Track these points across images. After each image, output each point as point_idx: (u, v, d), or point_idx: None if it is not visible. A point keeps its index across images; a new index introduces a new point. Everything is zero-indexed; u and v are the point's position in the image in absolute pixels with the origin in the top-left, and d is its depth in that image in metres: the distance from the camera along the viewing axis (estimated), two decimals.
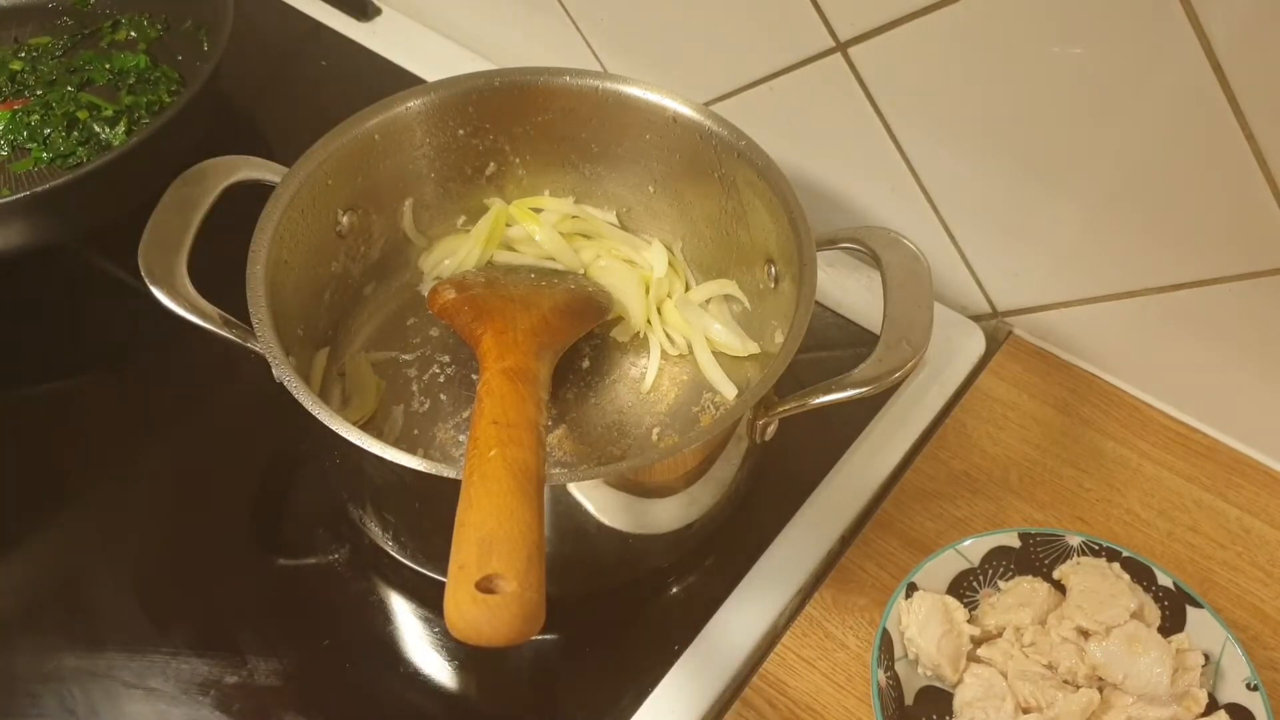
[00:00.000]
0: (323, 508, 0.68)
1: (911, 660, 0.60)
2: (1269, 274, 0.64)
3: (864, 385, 0.57)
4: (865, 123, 0.74)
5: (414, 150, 0.72)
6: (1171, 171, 0.63)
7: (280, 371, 0.55)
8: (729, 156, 0.68)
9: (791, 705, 0.61)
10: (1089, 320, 0.74)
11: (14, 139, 0.85)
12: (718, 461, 0.60)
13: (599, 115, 0.72)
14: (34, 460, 0.72)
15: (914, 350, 0.57)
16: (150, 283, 0.59)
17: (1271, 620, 0.65)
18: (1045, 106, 0.65)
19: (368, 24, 0.99)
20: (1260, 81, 0.56)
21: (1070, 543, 0.63)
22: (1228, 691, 0.58)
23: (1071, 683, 0.59)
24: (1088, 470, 0.71)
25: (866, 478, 0.70)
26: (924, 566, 0.61)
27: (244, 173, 0.65)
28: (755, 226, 0.69)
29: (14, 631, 0.63)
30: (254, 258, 0.60)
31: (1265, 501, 0.70)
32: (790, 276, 0.64)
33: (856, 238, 0.64)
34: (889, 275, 0.61)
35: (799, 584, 0.65)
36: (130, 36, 0.93)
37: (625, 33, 0.84)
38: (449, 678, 0.62)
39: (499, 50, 0.95)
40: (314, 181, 0.66)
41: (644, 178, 0.75)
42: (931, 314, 0.59)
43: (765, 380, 0.57)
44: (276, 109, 0.93)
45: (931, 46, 0.67)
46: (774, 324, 0.69)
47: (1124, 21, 0.58)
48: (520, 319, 0.64)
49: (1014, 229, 0.73)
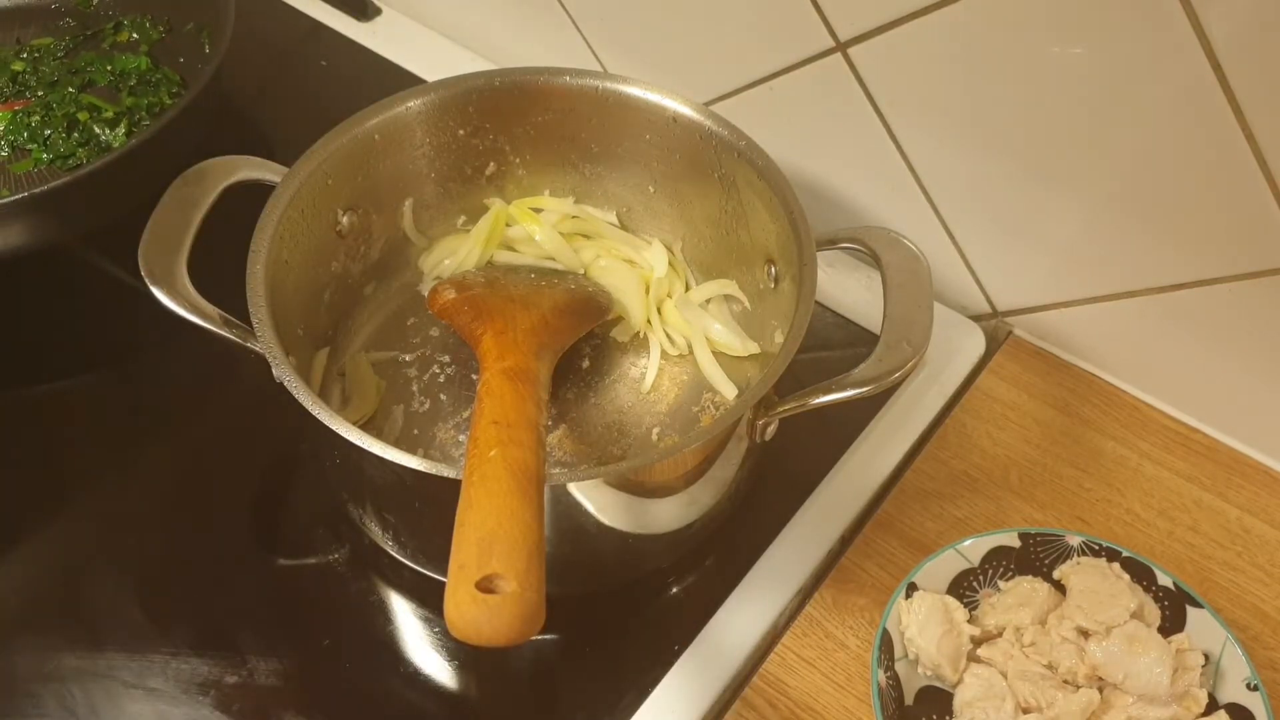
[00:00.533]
0: (323, 508, 0.69)
1: (911, 660, 0.60)
2: (1269, 274, 0.64)
3: (864, 385, 0.57)
4: (865, 123, 0.74)
5: (414, 150, 0.72)
6: (1171, 171, 0.63)
7: (280, 371, 0.55)
8: (729, 156, 0.68)
9: (791, 705, 0.61)
10: (1089, 320, 0.74)
11: (14, 140, 0.85)
12: (718, 461, 0.60)
13: (599, 115, 0.72)
14: (34, 460, 0.72)
15: (914, 350, 0.57)
16: (150, 283, 0.59)
17: (1271, 620, 0.65)
18: (1045, 106, 0.65)
19: (368, 24, 0.99)
20: (1260, 81, 0.56)
21: (1070, 543, 0.63)
22: (1228, 691, 0.58)
23: (1071, 683, 0.59)
24: (1088, 470, 0.71)
25: (866, 478, 0.70)
26: (924, 566, 0.61)
27: (244, 173, 0.65)
28: (755, 226, 0.69)
29: (14, 631, 0.63)
30: (254, 257, 0.60)
31: (1265, 501, 0.69)
32: (790, 276, 0.64)
33: (856, 238, 0.64)
34: (889, 275, 0.61)
35: (799, 584, 0.65)
36: (132, 38, 0.93)
37: (625, 33, 0.84)
38: (449, 678, 0.62)
39: (499, 50, 0.95)
40: (314, 181, 0.66)
41: (644, 178, 0.75)
42: (931, 314, 0.59)
43: (765, 380, 0.57)
44: (276, 109, 0.93)
45: (932, 46, 0.67)
46: (774, 324, 0.69)
47: (1124, 21, 0.58)
48: (520, 319, 0.64)
49: (1014, 229, 0.73)
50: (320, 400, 0.54)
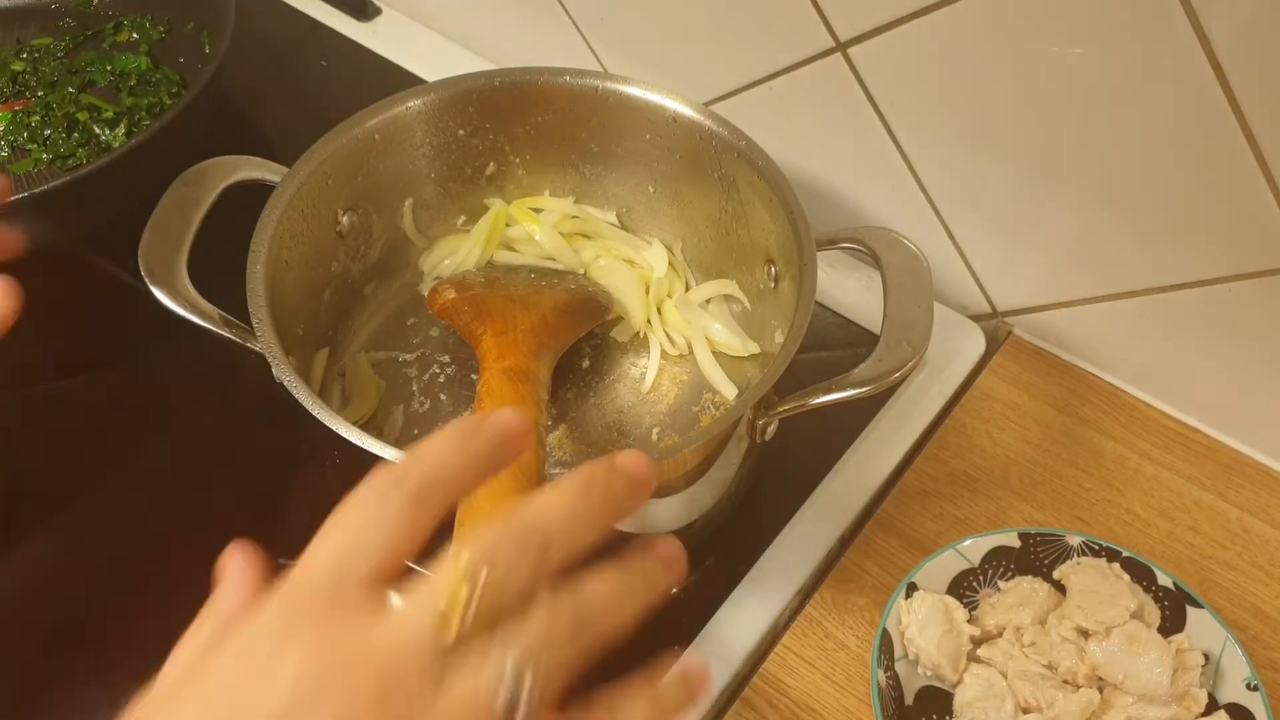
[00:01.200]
0: (323, 508, 0.68)
1: (911, 660, 0.60)
2: (1269, 274, 0.63)
3: (864, 385, 0.57)
4: (865, 123, 0.74)
5: (414, 150, 0.72)
6: (1171, 171, 0.63)
7: (280, 371, 0.55)
8: (729, 156, 0.68)
9: (791, 705, 0.61)
10: (1089, 320, 0.74)
11: (14, 140, 0.85)
12: (718, 462, 0.60)
13: (599, 115, 0.72)
14: (34, 460, 0.72)
15: (914, 350, 0.57)
16: (150, 283, 0.59)
17: (1271, 620, 0.65)
18: (1045, 106, 0.65)
19: (368, 24, 0.99)
20: (1260, 81, 0.56)
21: (1070, 543, 0.63)
22: (1228, 691, 0.58)
23: (1071, 683, 0.59)
24: (1088, 470, 0.71)
25: (866, 478, 0.70)
26: (924, 566, 0.61)
27: (244, 173, 0.65)
28: (755, 226, 0.69)
29: (14, 631, 0.63)
30: (254, 258, 0.60)
31: (1265, 501, 0.69)
32: (791, 276, 0.64)
33: (856, 237, 0.64)
34: (889, 275, 0.61)
35: (799, 584, 0.65)
36: (132, 38, 0.93)
37: (625, 33, 0.84)
38: None
39: (499, 50, 0.95)
40: (314, 181, 0.66)
41: (644, 178, 0.75)
42: (932, 314, 0.59)
43: (765, 380, 0.57)
44: (276, 109, 0.93)
45: (932, 46, 0.67)
46: (774, 324, 0.69)
47: (1124, 21, 0.58)
48: (520, 319, 0.64)
49: (1014, 229, 0.73)
50: (320, 400, 0.54)
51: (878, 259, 0.62)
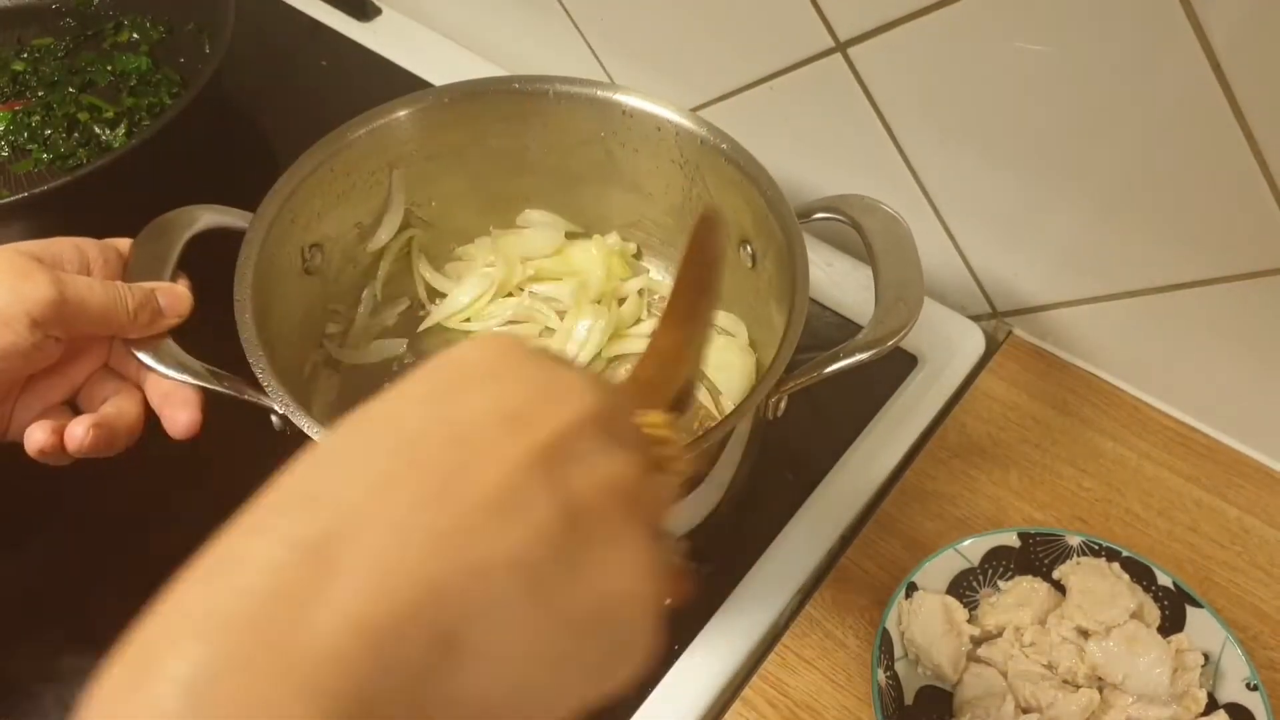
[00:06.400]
0: None
1: (911, 660, 0.60)
2: (1269, 274, 0.64)
3: (870, 349, 0.56)
4: (865, 123, 0.74)
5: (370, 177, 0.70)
6: (1171, 171, 0.63)
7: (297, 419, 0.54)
8: (691, 145, 0.67)
9: (791, 705, 0.61)
10: (1089, 320, 0.74)
11: (14, 140, 0.85)
12: (719, 461, 0.60)
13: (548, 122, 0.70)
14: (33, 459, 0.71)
15: (911, 309, 0.57)
16: (134, 349, 0.57)
17: (1271, 620, 0.65)
18: (1045, 106, 0.65)
19: (368, 24, 0.99)
20: (1260, 81, 0.56)
21: (1070, 543, 0.63)
22: (1228, 691, 0.58)
23: (1071, 683, 0.59)
24: (1087, 470, 0.71)
25: (866, 478, 0.70)
26: (924, 566, 0.61)
27: (206, 220, 0.62)
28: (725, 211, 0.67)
29: (14, 631, 0.63)
30: (240, 306, 0.58)
31: (1265, 501, 0.69)
32: (772, 254, 0.63)
33: (833, 206, 0.63)
34: (873, 240, 0.61)
35: (799, 584, 0.65)
36: (133, 38, 0.93)
37: (625, 33, 0.84)
38: None
39: (499, 50, 0.95)
40: (281, 222, 0.63)
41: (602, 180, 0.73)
42: (921, 272, 0.59)
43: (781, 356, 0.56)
44: (276, 109, 0.93)
45: (931, 46, 0.67)
46: (755, 305, 0.68)
47: (1124, 22, 0.58)
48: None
49: (1014, 229, 0.73)
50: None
51: (858, 225, 0.62)
